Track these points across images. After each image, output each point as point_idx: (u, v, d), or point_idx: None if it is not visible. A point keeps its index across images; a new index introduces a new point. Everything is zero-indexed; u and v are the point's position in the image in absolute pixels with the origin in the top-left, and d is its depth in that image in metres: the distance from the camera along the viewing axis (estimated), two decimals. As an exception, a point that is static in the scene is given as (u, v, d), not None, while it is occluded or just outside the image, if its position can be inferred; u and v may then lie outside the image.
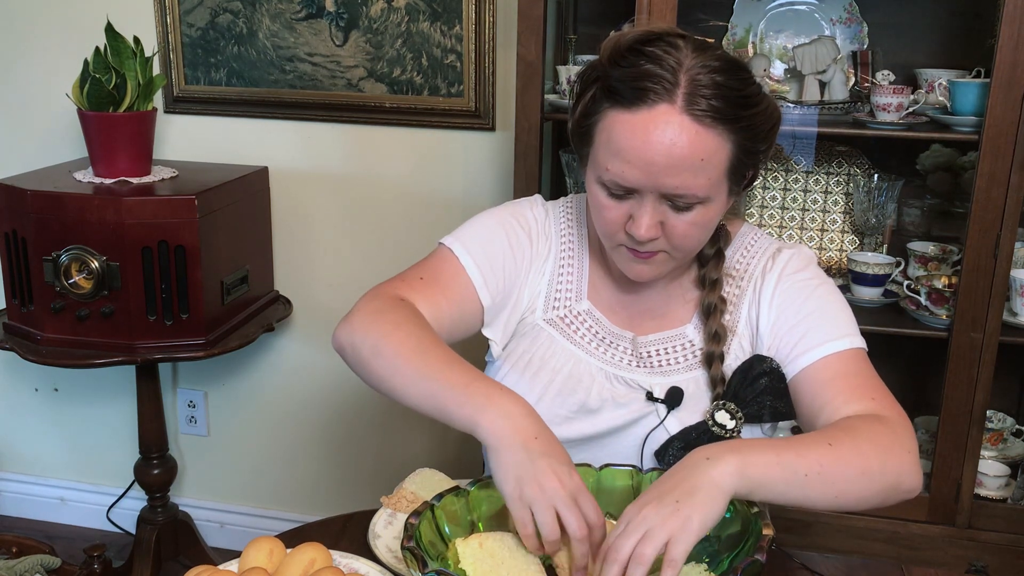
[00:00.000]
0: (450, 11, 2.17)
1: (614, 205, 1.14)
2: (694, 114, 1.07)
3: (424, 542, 0.95)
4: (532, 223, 1.32)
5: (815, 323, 1.20)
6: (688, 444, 1.18)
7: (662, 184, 1.09)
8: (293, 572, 0.99)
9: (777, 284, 1.24)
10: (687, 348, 1.26)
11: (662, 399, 1.23)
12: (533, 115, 1.87)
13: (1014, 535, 1.89)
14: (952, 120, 1.82)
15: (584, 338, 1.27)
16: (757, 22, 2.09)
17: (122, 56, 2.05)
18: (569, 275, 1.31)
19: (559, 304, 1.29)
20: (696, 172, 1.08)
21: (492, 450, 0.99)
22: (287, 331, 2.50)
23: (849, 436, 1.06)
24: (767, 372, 1.20)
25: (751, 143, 1.12)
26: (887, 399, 1.14)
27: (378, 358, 1.12)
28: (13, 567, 1.74)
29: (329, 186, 2.37)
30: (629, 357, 1.26)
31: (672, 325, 1.28)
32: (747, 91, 1.10)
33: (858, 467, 1.04)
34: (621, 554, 0.90)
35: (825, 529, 1.92)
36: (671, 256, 1.17)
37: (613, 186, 1.12)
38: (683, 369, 1.25)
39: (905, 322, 1.91)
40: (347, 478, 2.58)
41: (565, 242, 1.32)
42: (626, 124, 1.09)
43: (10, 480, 2.80)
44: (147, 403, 2.28)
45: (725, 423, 1.20)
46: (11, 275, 2.08)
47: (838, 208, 2.11)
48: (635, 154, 1.08)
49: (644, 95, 1.07)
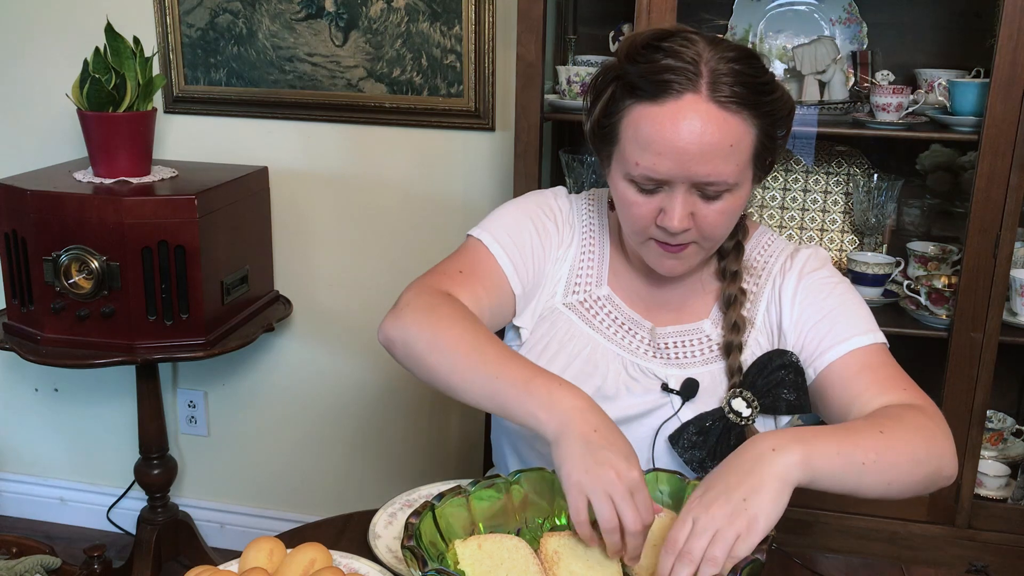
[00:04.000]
0: (450, 11, 2.17)
1: (644, 200, 1.15)
2: (719, 101, 1.09)
3: (424, 542, 0.95)
4: (557, 211, 1.34)
5: (839, 319, 1.22)
6: (702, 430, 1.20)
7: (694, 173, 1.10)
8: (293, 572, 0.99)
9: (798, 282, 1.26)
10: (704, 342, 1.27)
11: (677, 391, 1.24)
12: (533, 115, 1.87)
13: (1014, 535, 1.89)
14: (952, 120, 1.82)
15: (603, 323, 1.28)
16: (757, 22, 2.09)
17: (122, 56, 2.05)
18: (590, 262, 1.32)
19: (579, 289, 1.31)
20: (726, 158, 1.10)
21: (554, 444, 1.00)
22: (287, 331, 2.50)
23: (897, 424, 1.07)
24: (786, 365, 1.21)
25: (772, 128, 1.15)
26: (917, 390, 1.16)
27: (434, 354, 1.12)
28: (13, 567, 1.74)
29: (329, 186, 2.37)
30: (646, 346, 1.27)
31: (690, 319, 1.29)
32: (765, 78, 1.13)
33: (908, 455, 1.05)
34: (695, 555, 0.91)
35: (825, 529, 1.92)
36: (700, 247, 1.19)
37: (644, 180, 1.13)
38: (700, 363, 1.26)
39: (905, 322, 1.91)
40: (347, 478, 2.58)
41: (587, 231, 1.33)
42: (654, 117, 1.10)
43: (10, 480, 2.80)
44: (147, 403, 2.28)
45: (741, 410, 1.21)
46: (11, 275, 2.08)
47: (838, 208, 2.11)
48: (667, 145, 1.09)
49: (668, 86, 1.09)
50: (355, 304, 2.44)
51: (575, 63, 2.12)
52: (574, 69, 1.96)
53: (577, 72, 1.95)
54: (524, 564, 0.96)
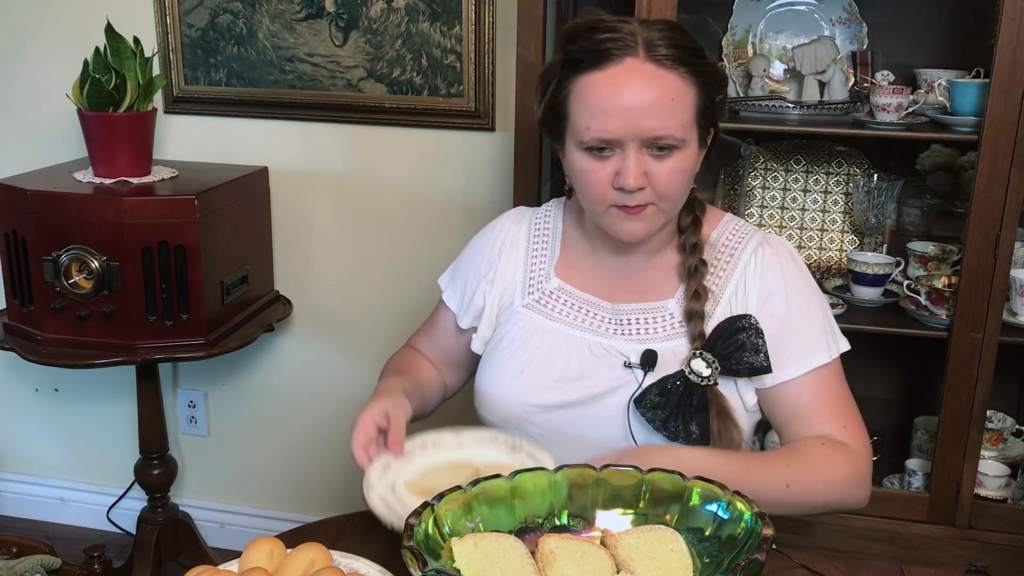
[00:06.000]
0: (450, 11, 2.17)
1: (599, 166, 1.21)
2: (657, 60, 1.18)
3: (424, 542, 0.95)
4: (499, 227, 1.44)
5: (801, 331, 1.29)
6: (663, 391, 1.25)
7: (642, 128, 1.17)
8: (293, 572, 0.99)
9: (763, 274, 1.30)
10: (667, 319, 1.31)
11: (637, 364, 1.27)
12: (533, 115, 1.87)
13: (1014, 535, 1.89)
14: (952, 120, 1.82)
15: (560, 312, 1.34)
16: (757, 22, 2.09)
17: (122, 56, 2.05)
18: (542, 261, 1.39)
19: (533, 288, 1.37)
20: (670, 112, 1.18)
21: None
22: (287, 331, 2.50)
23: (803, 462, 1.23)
24: (745, 328, 1.26)
25: (709, 90, 1.23)
26: (856, 425, 1.29)
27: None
28: (13, 567, 1.74)
29: (329, 186, 2.37)
30: (607, 324, 1.31)
31: (655, 299, 1.32)
32: (695, 45, 1.23)
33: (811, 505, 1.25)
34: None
35: (825, 529, 1.92)
36: (659, 209, 1.23)
37: (596, 144, 1.20)
38: (662, 338, 1.29)
39: (905, 322, 1.91)
40: (347, 478, 2.58)
41: (537, 236, 1.41)
42: (599, 81, 1.19)
43: (10, 480, 2.80)
44: (147, 403, 2.28)
45: (701, 371, 1.25)
46: (11, 275, 2.08)
47: (838, 208, 2.11)
48: (613, 104, 1.17)
49: (609, 54, 1.18)
50: (355, 304, 2.44)
51: (575, 63, 2.11)
52: (574, 69, 1.96)
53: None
54: (519, 563, 0.96)
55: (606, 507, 1.04)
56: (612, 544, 0.99)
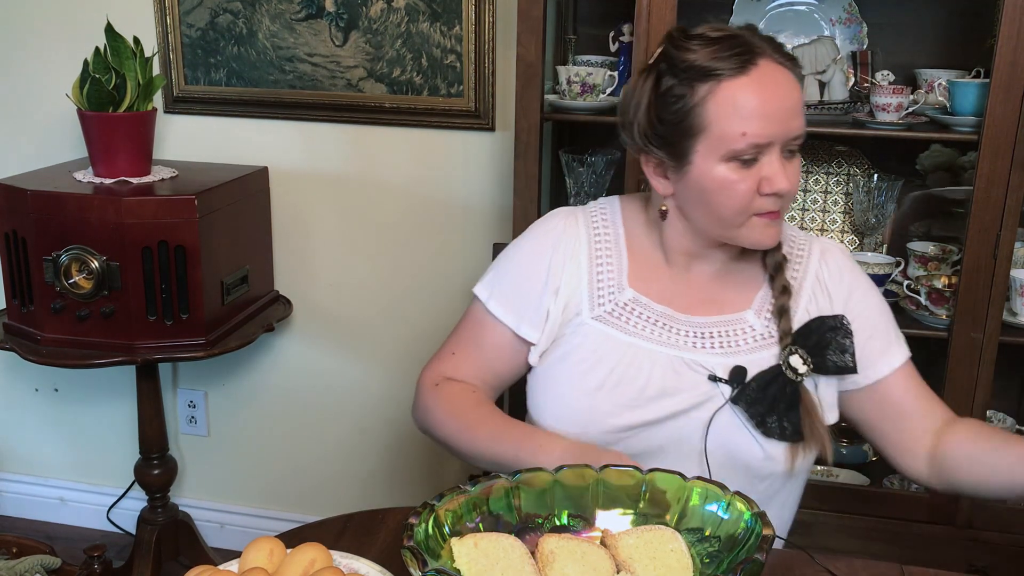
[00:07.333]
0: (450, 11, 2.17)
1: (745, 175, 1.17)
2: (783, 62, 1.18)
3: (424, 542, 0.95)
4: (554, 231, 1.34)
5: (885, 328, 1.31)
6: (762, 385, 1.22)
7: (791, 129, 1.17)
8: (293, 572, 0.99)
9: (841, 277, 1.31)
10: (748, 332, 1.28)
11: (725, 379, 1.24)
12: (533, 115, 1.87)
13: (1014, 535, 1.89)
14: (952, 120, 1.82)
15: (636, 326, 1.28)
16: (757, 22, 2.08)
17: (122, 56, 2.05)
18: (609, 269, 1.31)
19: (603, 299, 1.30)
20: (802, 111, 1.19)
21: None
22: (287, 331, 2.50)
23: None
24: (834, 328, 1.26)
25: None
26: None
27: (449, 446, 1.32)
28: (13, 567, 1.74)
29: (329, 186, 2.37)
30: (686, 338, 1.27)
31: (731, 311, 1.29)
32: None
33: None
34: None
35: (825, 529, 1.92)
36: (783, 211, 1.23)
37: (750, 150, 1.16)
38: (745, 351, 1.26)
39: (905, 322, 1.91)
40: (347, 478, 2.58)
41: (600, 239, 1.33)
42: (748, 86, 1.15)
43: (10, 480, 2.80)
44: (147, 403, 2.28)
45: (798, 367, 1.24)
46: (11, 275, 2.08)
47: (838, 208, 2.11)
48: (771, 106, 1.15)
49: (747, 58, 1.15)
50: (355, 304, 2.44)
51: (575, 63, 2.12)
52: (574, 69, 1.96)
53: (577, 72, 1.95)
54: (519, 563, 0.96)
55: (606, 507, 1.04)
56: (612, 544, 0.99)
